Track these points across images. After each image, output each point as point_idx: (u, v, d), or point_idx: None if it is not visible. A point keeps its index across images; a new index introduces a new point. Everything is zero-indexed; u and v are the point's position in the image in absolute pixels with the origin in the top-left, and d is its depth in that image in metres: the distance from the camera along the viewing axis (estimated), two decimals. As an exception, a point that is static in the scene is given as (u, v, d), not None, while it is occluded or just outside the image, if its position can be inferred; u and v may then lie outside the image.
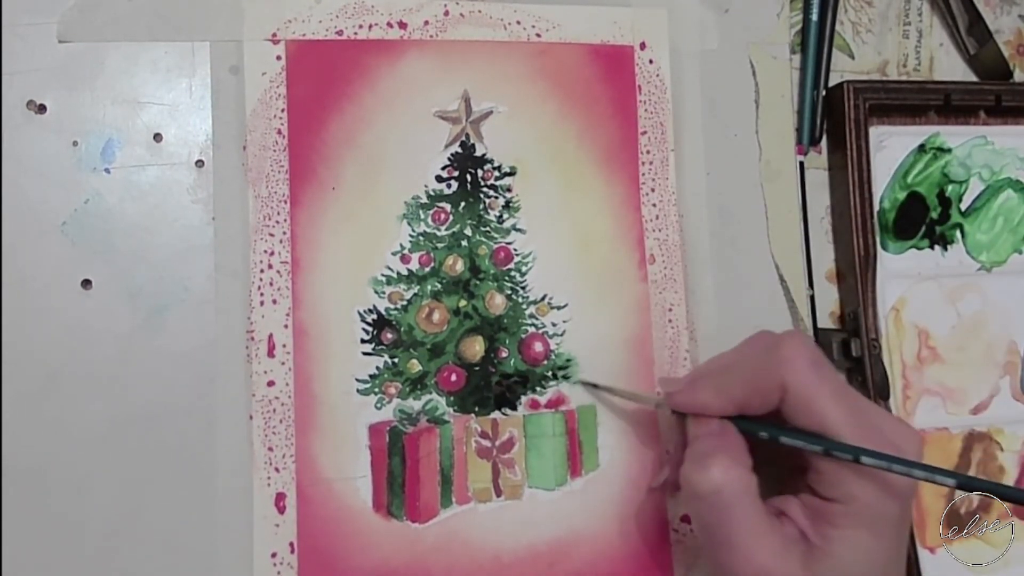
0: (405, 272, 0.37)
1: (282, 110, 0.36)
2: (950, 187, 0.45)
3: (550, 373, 0.38)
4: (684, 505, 0.32)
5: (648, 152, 0.40)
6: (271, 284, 0.36)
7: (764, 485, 0.31)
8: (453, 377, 0.37)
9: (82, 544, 0.33)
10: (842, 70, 0.45)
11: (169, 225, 0.36)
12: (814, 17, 0.44)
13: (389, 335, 0.37)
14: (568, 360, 0.38)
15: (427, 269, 0.38)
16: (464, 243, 0.38)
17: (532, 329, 0.38)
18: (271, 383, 0.35)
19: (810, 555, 0.29)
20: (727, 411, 0.32)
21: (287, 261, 0.36)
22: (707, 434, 0.32)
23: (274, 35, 0.37)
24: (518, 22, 0.39)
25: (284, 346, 0.36)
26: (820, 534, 0.30)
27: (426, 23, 0.38)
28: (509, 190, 0.39)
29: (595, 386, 0.38)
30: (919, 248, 0.45)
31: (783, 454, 0.31)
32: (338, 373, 0.36)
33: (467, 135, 0.39)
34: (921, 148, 0.45)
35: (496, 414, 0.38)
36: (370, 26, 0.38)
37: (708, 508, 0.30)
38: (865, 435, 0.29)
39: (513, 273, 0.38)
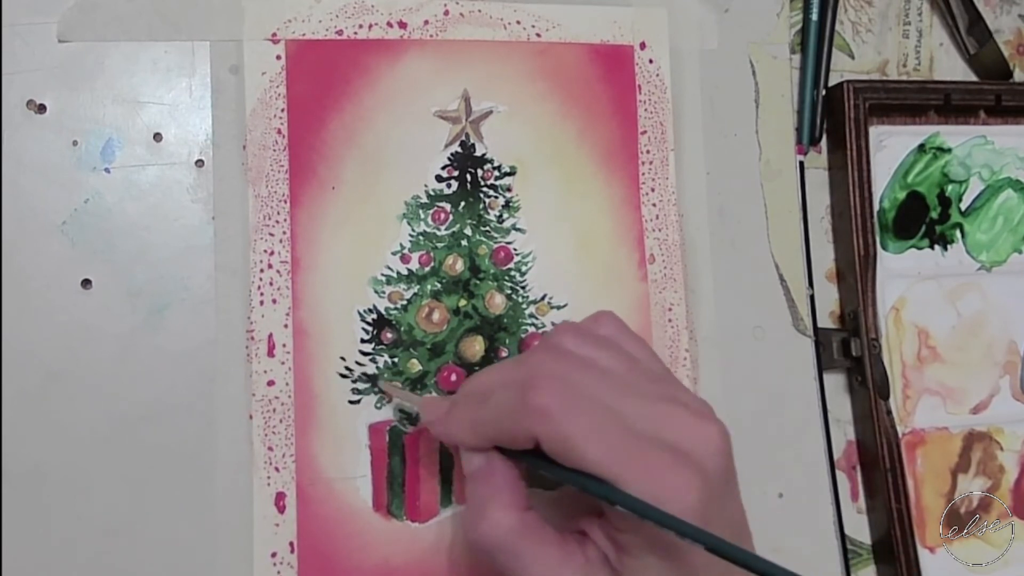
0: (405, 272, 0.37)
1: (282, 110, 0.36)
2: (950, 187, 0.45)
3: (550, 373, 0.38)
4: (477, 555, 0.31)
5: (648, 152, 0.40)
6: (271, 284, 0.36)
7: (566, 504, 0.30)
8: (453, 377, 0.37)
9: (82, 544, 0.33)
10: (842, 70, 0.45)
11: (169, 225, 0.36)
12: (814, 17, 0.44)
13: (389, 335, 0.37)
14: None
15: (427, 269, 0.38)
16: (464, 243, 0.38)
17: (532, 329, 0.38)
18: (271, 383, 0.35)
19: None
20: (482, 448, 0.30)
21: (287, 261, 0.36)
22: (474, 475, 0.30)
23: (274, 35, 0.37)
24: (518, 22, 0.39)
25: (284, 346, 0.36)
26: (620, 562, 0.28)
27: (426, 23, 0.38)
28: (509, 190, 0.39)
29: (375, 385, 0.36)
30: (919, 248, 0.45)
31: None
32: (338, 373, 0.36)
33: (467, 135, 0.39)
34: (921, 148, 0.45)
35: (496, 414, 0.38)
36: (370, 26, 0.38)
37: (495, 559, 0.29)
38: (637, 465, 0.27)
39: (513, 273, 0.38)
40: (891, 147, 0.45)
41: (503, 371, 0.31)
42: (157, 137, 0.36)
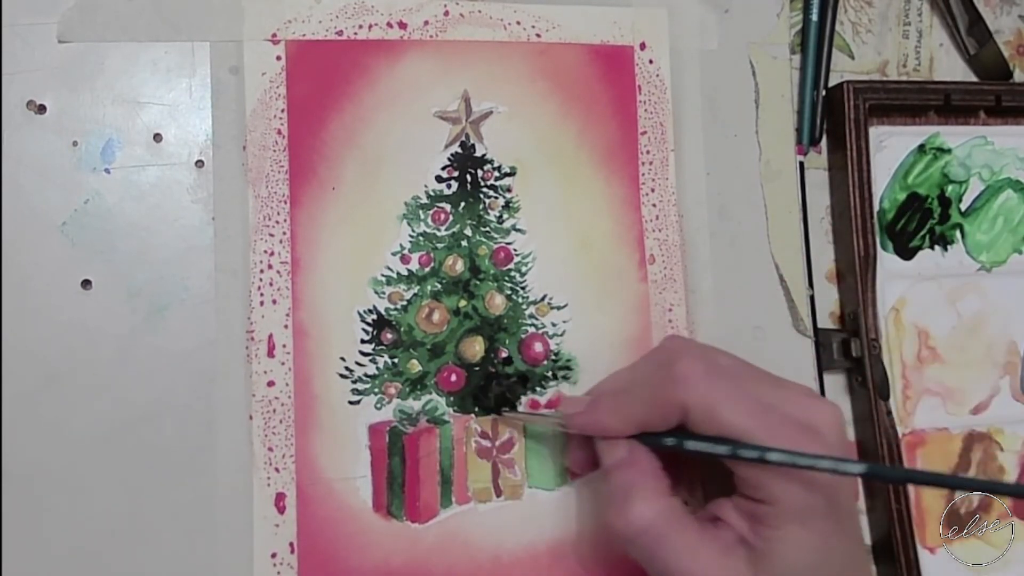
0: (405, 272, 0.37)
1: (282, 110, 0.36)
2: (950, 187, 0.45)
3: (550, 373, 0.38)
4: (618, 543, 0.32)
5: (648, 152, 0.40)
6: (271, 284, 0.36)
7: (702, 489, 0.31)
8: (453, 377, 0.37)
9: (82, 544, 0.33)
10: (842, 70, 0.45)
11: (169, 225, 0.36)
12: (814, 17, 0.44)
13: (389, 335, 0.37)
14: (568, 360, 0.38)
15: (427, 269, 0.38)
16: (464, 243, 0.38)
17: (532, 329, 0.38)
18: (271, 383, 0.35)
19: (752, 557, 0.30)
20: (628, 432, 0.32)
21: (287, 261, 0.36)
22: (618, 465, 0.32)
23: (274, 35, 0.37)
24: (518, 22, 0.39)
25: (284, 346, 0.36)
26: (757, 535, 0.30)
27: (426, 23, 0.38)
28: (509, 190, 0.39)
29: (498, 414, 0.37)
30: (919, 248, 0.45)
31: (710, 461, 0.32)
32: (338, 373, 0.36)
33: (467, 135, 0.39)
34: (921, 148, 0.45)
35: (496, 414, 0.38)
36: (370, 26, 0.38)
37: (640, 547, 0.31)
38: (774, 431, 0.29)
39: (513, 273, 0.38)
40: (891, 147, 0.45)
41: (640, 363, 0.34)
42: (157, 137, 0.36)
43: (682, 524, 0.30)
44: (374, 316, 0.37)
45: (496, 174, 0.39)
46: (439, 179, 0.38)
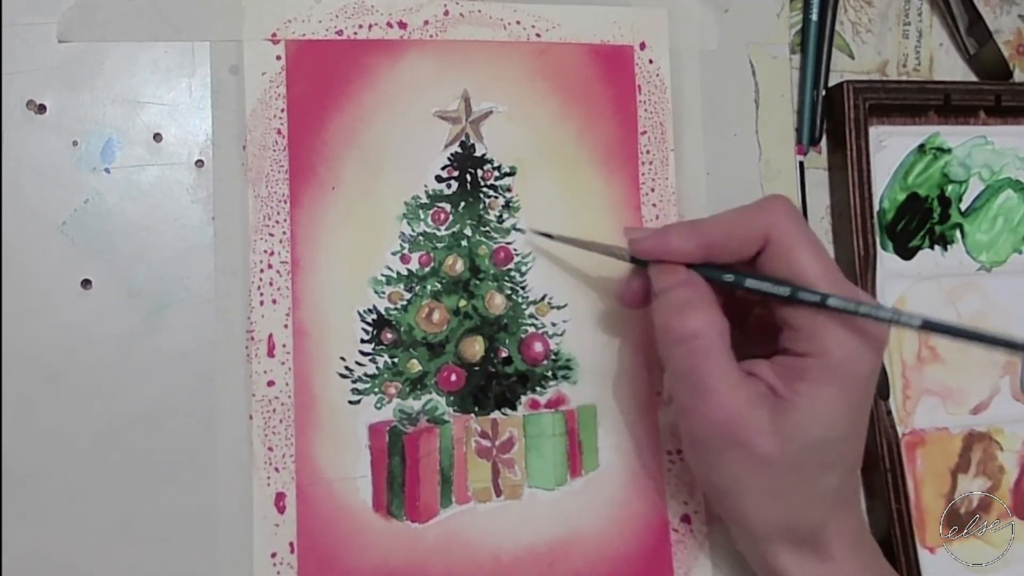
0: (405, 272, 0.37)
1: (282, 110, 0.36)
2: (950, 187, 0.45)
3: (550, 373, 0.38)
4: (660, 352, 0.32)
5: (648, 152, 0.40)
6: (271, 284, 0.36)
7: (736, 352, 0.31)
8: (453, 377, 0.37)
9: (82, 544, 0.33)
10: (842, 70, 0.45)
11: (169, 225, 0.36)
12: (814, 17, 0.44)
13: (389, 335, 0.37)
14: (568, 360, 0.38)
15: (427, 269, 0.38)
16: (464, 243, 0.38)
17: (532, 329, 0.38)
18: (271, 383, 0.35)
19: (778, 407, 0.30)
20: (695, 257, 0.32)
21: (287, 261, 0.36)
22: (677, 284, 0.32)
23: (274, 35, 0.37)
24: (518, 22, 0.39)
25: (284, 346, 0.36)
26: (790, 388, 0.30)
27: (426, 23, 0.38)
28: (509, 190, 0.39)
29: (548, 236, 0.38)
30: (919, 248, 0.45)
31: (754, 321, 0.32)
32: (338, 373, 0.36)
33: (467, 135, 0.39)
34: (921, 148, 0.45)
35: (496, 414, 0.38)
36: (370, 26, 0.38)
37: (686, 353, 0.31)
38: (840, 288, 0.30)
39: (513, 273, 0.38)
40: (891, 147, 0.45)
41: (722, 212, 0.33)
42: (157, 137, 0.36)
43: (728, 349, 0.31)
44: (374, 316, 0.37)
45: (496, 174, 0.39)
46: (439, 179, 0.38)
